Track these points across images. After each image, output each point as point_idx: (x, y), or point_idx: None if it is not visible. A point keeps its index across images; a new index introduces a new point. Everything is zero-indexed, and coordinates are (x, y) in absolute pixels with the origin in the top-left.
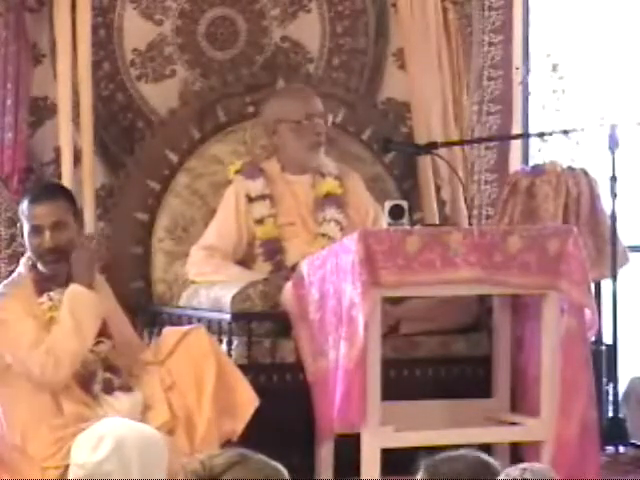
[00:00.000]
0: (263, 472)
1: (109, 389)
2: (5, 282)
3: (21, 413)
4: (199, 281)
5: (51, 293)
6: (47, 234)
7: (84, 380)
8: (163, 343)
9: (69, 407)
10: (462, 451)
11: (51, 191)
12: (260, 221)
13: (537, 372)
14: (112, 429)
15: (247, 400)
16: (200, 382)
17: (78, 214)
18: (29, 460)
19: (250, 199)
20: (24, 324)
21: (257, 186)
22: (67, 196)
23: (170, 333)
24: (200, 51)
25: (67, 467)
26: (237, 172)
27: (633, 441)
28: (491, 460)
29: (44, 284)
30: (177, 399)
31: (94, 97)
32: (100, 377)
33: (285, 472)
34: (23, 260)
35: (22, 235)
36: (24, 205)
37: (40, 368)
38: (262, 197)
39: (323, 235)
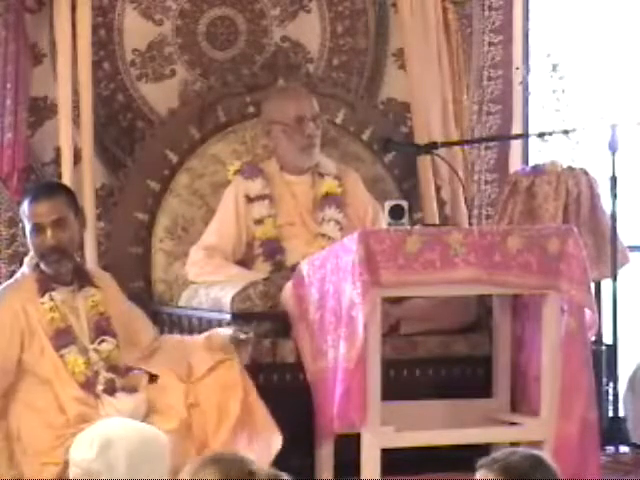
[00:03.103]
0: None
1: (111, 390)
2: (7, 282)
3: (21, 410)
4: (199, 281)
5: (53, 293)
6: (48, 232)
7: (87, 380)
8: (196, 367)
9: (71, 408)
10: (522, 448)
11: (51, 189)
12: (259, 221)
13: (537, 372)
14: (104, 429)
15: (270, 442)
16: (223, 410)
17: (79, 212)
18: (29, 455)
19: (249, 199)
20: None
21: (256, 186)
22: (67, 194)
23: (204, 358)
24: (200, 51)
25: (66, 464)
26: (236, 172)
27: (633, 441)
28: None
29: (47, 284)
30: (197, 418)
31: (94, 97)
32: (102, 378)
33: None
34: (27, 259)
35: (25, 235)
36: (25, 204)
37: None
38: (261, 197)
39: (323, 235)
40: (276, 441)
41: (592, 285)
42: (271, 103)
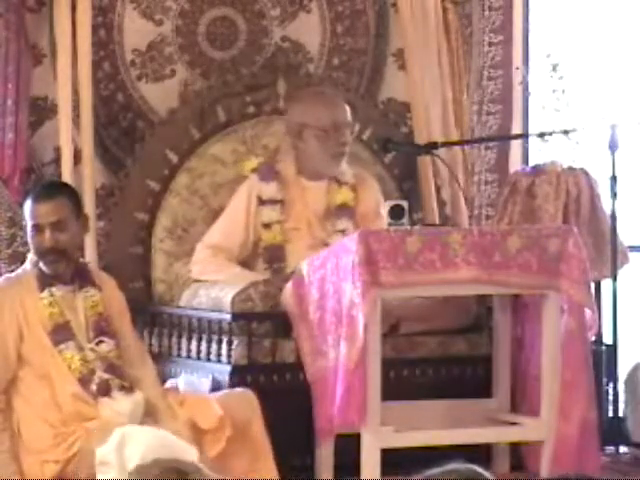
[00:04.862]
0: None
1: (105, 391)
2: (7, 276)
3: (20, 405)
4: (202, 279)
5: (53, 289)
6: (47, 233)
7: (82, 377)
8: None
9: (67, 404)
10: (454, 464)
11: (53, 190)
12: (267, 225)
13: (537, 372)
14: (130, 429)
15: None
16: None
17: (82, 214)
18: (29, 453)
19: (261, 201)
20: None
21: (270, 189)
22: (69, 195)
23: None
24: (200, 51)
25: (67, 461)
26: (253, 170)
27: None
28: (484, 472)
29: (47, 280)
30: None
31: (94, 97)
32: (97, 378)
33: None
34: (30, 256)
35: (26, 234)
36: (27, 203)
37: None
38: (273, 202)
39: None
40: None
41: (592, 285)
42: (306, 105)
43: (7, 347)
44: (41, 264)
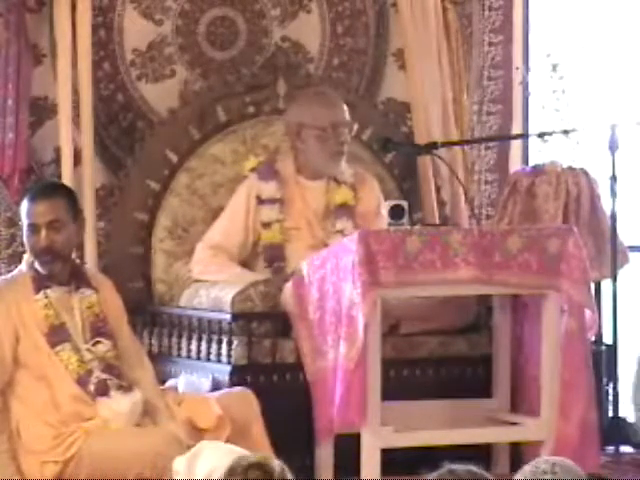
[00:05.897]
0: None
1: (102, 391)
2: (3, 277)
3: (18, 407)
4: (202, 279)
5: (48, 291)
6: (42, 233)
7: (79, 378)
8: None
9: (66, 405)
10: (452, 465)
11: (50, 190)
12: (267, 225)
13: (537, 372)
14: (208, 443)
15: None
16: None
17: (79, 214)
18: (29, 453)
19: (260, 200)
20: None
21: (269, 188)
22: (66, 195)
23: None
24: (200, 51)
25: (66, 462)
26: (252, 170)
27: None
28: (480, 471)
29: (42, 282)
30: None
31: (94, 97)
32: (94, 378)
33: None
34: (25, 257)
35: (24, 234)
36: (23, 203)
37: None
38: (272, 201)
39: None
40: None
41: (592, 285)
42: (305, 106)
43: (3, 349)
44: (36, 265)
